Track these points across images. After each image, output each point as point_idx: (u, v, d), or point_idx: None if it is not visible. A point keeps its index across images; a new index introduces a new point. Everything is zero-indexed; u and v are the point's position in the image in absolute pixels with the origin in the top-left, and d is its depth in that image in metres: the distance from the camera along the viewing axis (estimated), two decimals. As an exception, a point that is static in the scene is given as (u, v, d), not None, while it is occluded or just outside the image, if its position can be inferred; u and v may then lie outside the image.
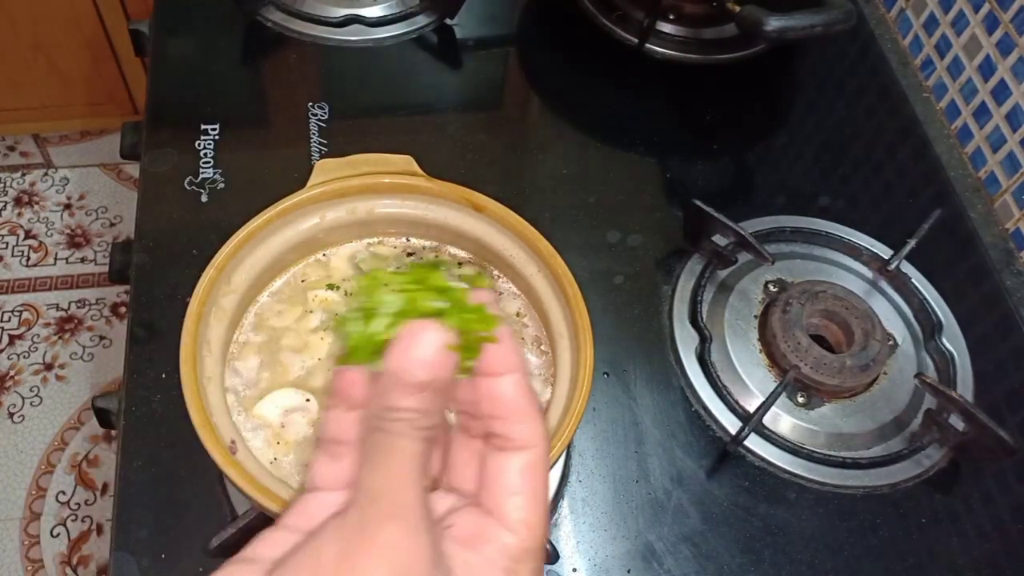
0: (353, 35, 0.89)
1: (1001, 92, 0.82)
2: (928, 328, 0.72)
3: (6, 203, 1.74)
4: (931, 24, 0.91)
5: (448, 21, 0.91)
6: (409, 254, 0.62)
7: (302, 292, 0.60)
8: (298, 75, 0.86)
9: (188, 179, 0.76)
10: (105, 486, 1.45)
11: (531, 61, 0.92)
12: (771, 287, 0.73)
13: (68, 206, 1.75)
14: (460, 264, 0.62)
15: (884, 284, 0.75)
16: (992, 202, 0.84)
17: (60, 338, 1.59)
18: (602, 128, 0.85)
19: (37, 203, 1.75)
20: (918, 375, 0.67)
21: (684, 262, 0.74)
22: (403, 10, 0.90)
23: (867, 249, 0.76)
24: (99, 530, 1.41)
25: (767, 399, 0.64)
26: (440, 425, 0.31)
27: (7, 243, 1.70)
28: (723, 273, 0.73)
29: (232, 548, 0.54)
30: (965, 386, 0.69)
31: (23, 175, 1.78)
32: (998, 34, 0.82)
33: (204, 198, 0.75)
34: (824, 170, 0.84)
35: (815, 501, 0.64)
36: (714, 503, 0.63)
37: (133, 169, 1.76)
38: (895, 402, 0.68)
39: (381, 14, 0.90)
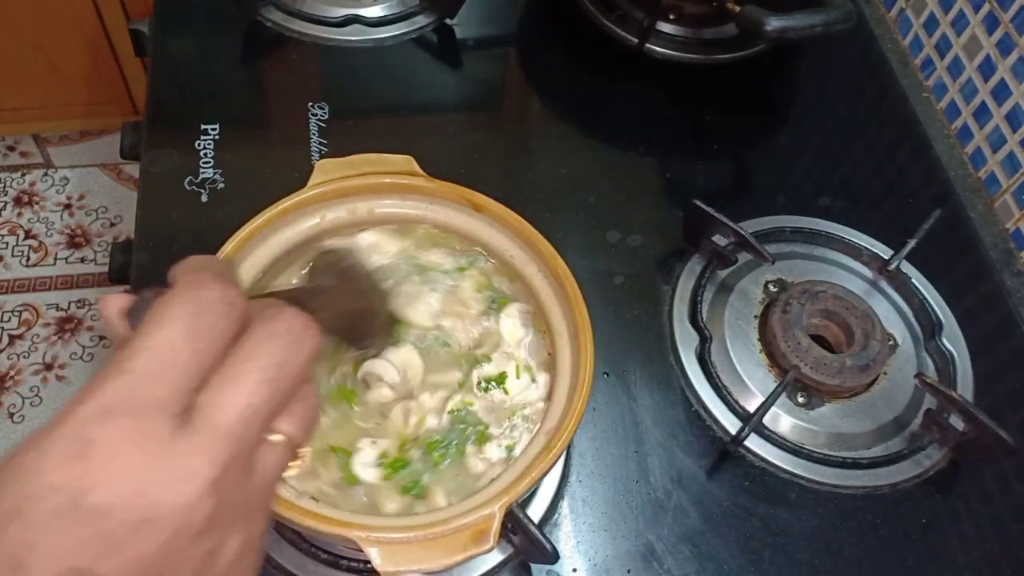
0: (353, 35, 0.89)
1: (1001, 92, 0.82)
2: (928, 328, 0.72)
3: (6, 203, 1.74)
4: (931, 24, 0.91)
5: (448, 21, 0.91)
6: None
7: (302, 292, 0.59)
8: (298, 75, 0.86)
9: (188, 179, 0.76)
10: (105, 486, 1.45)
11: (531, 61, 0.92)
12: (771, 287, 0.73)
13: (68, 206, 1.75)
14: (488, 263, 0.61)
15: (884, 284, 0.75)
16: (992, 202, 0.84)
17: (60, 338, 1.59)
18: (602, 128, 0.85)
19: (37, 203, 1.75)
20: (918, 375, 0.67)
21: (684, 262, 0.74)
22: (403, 10, 0.90)
23: (867, 249, 0.76)
24: (99, 530, 1.41)
25: (767, 399, 0.64)
26: None
27: (7, 243, 1.69)
28: (723, 273, 0.73)
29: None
30: (965, 386, 0.69)
31: (23, 175, 1.78)
32: (998, 34, 0.82)
33: (204, 198, 0.75)
34: (824, 170, 0.84)
35: (815, 501, 0.64)
36: (714, 503, 0.63)
37: (133, 169, 1.76)
38: (895, 402, 0.68)
39: (381, 14, 0.90)
